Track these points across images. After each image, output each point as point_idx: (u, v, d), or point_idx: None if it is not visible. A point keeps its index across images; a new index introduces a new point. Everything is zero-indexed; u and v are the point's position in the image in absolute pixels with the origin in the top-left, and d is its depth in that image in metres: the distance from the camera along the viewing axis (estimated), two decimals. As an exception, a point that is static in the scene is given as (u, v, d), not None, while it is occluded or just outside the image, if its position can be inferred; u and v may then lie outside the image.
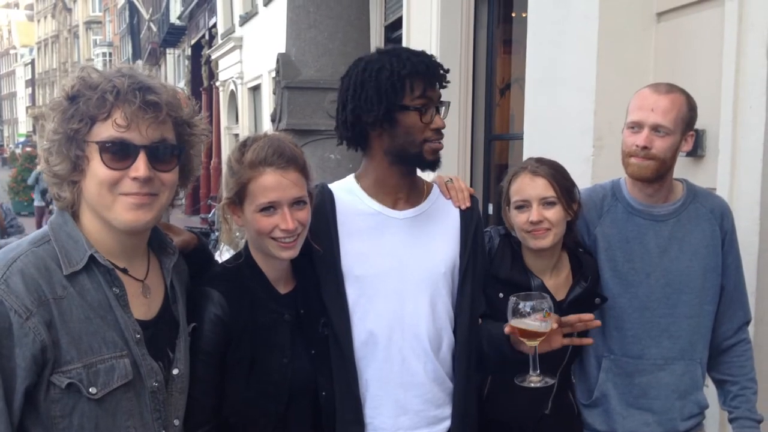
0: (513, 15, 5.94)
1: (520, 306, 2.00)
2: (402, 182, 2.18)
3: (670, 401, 2.41)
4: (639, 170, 2.31)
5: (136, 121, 1.56)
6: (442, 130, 2.16)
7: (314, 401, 2.07)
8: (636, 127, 2.30)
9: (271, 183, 1.93)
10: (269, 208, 1.93)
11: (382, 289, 2.14)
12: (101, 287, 1.60)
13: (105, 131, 1.56)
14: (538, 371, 2.06)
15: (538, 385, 2.06)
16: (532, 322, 1.99)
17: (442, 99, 2.12)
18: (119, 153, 1.57)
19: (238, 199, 1.97)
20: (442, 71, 2.11)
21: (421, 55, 2.11)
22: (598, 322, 2.13)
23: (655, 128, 2.27)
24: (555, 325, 2.00)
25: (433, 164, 2.14)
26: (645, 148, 2.26)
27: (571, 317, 2.08)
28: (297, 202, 1.96)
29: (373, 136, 2.12)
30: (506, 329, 2.03)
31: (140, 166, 1.58)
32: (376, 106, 2.05)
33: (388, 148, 2.11)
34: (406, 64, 2.05)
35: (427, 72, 2.06)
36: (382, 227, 2.17)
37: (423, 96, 2.06)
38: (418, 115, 2.06)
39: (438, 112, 2.10)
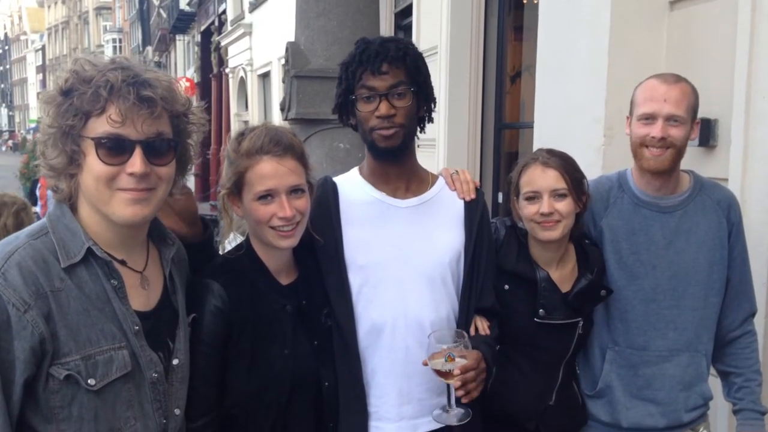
0: (524, 2, 5.89)
1: (429, 341, 1.97)
2: (393, 171, 2.19)
3: (674, 393, 2.41)
4: (656, 163, 2.29)
5: (131, 117, 1.55)
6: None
7: (316, 392, 2.07)
8: (649, 119, 2.28)
9: (268, 171, 1.93)
10: (266, 196, 1.93)
11: (386, 278, 2.13)
12: (99, 279, 1.60)
13: (100, 126, 1.55)
14: (453, 407, 2.02)
15: (454, 422, 2.04)
16: (437, 361, 1.95)
17: (400, 83, 2.07)
18: (115, 148, 1.56)
19: (237, 188, 1.97)
20: (394, 55, 2.06)
21: (373, 43, 2.09)
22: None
23: (669, 118, 2.26)
24: (456, 371, 1.92)
25: (386, 153, 2.12)
26: (663, 138, 2.25)
27: (469, 375, 1.96)
28: (295, 191, 1.96)
29: (355, 125, 2.19)
30: (422, 362, 2.01)
31: (136, 162, 1.57)
32: (336, 97, 2.17)
33: (361, 136, 2.17)
34: (355, 56, 2.09)
35: (367, 61, 2.06)
36: (385, 215, 2.17)
37: (363, 85, 2.08)
38: (361, 103, 2.09)
39: (387, 99, 2.06)
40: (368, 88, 2.07)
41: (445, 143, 6.03)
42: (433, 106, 2.22)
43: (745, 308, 2.46)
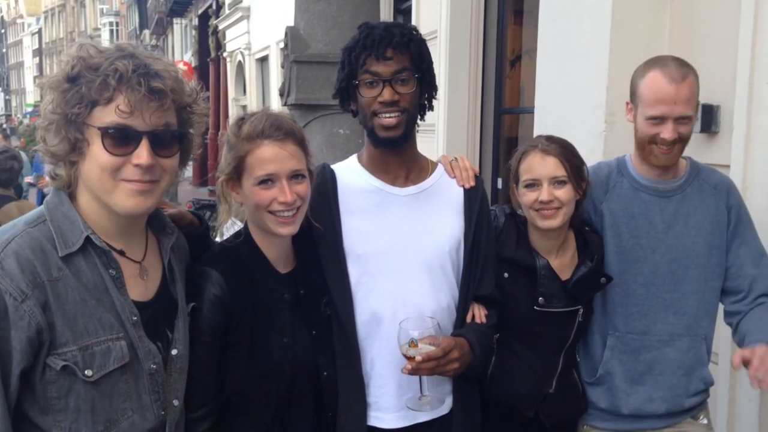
0: (524, -14, 5.85)
1: (400, 328, 1.97)
2: (392, 159, 2.17)
3: (675, 377, 2.40)
4: (666, 160, 2.28)
5: (140, 108, 1.53)
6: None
7: (316, 381, 2.06)
8: (658, 119, 2.24)
9: (269, 155, 1.91)
10: (267, 180, 1.92)
11: (385, 268, 2.12)
12: (97, 269, 1.58)
13: (107, 116, 1.53)
14: (426, 394, 2.02)
15: (428, 408, 2.05)
16: (403, 345, 1.96)
17: (404, 69, 2.05)
18: (122, 139, 1.54)
19: (236, 174, 1.95)
20: (399, 41, 2.04)
21: (377, 28, 2.07)
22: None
23: (679, 118, 2.23)
24: (419, 358, 1.92)
25: (386, 142, 2.10)
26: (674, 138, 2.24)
27: (430, 364, 1.95)
28: (295, 176, 1.95)
29: (355, 111, 2.16)
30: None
31: (143, 153, 1.55)
32: (338, 82, 2.15)
33: (361, 122, 2.15)
34: (359, 40, 2.07)
35: (371, 46, 2.03)
36: (384, 204, 2.16)
37: (367, 70, 2.06)
38: (363, 89, 2.07)
39: (391, 84, 2.04)
40: (372, 73, 2.05)
41: (444, 128, 6.00)
42: (434, 93, 2.20)
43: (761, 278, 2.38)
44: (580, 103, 3.74)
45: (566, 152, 2.26)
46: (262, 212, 1.94)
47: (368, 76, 2.05)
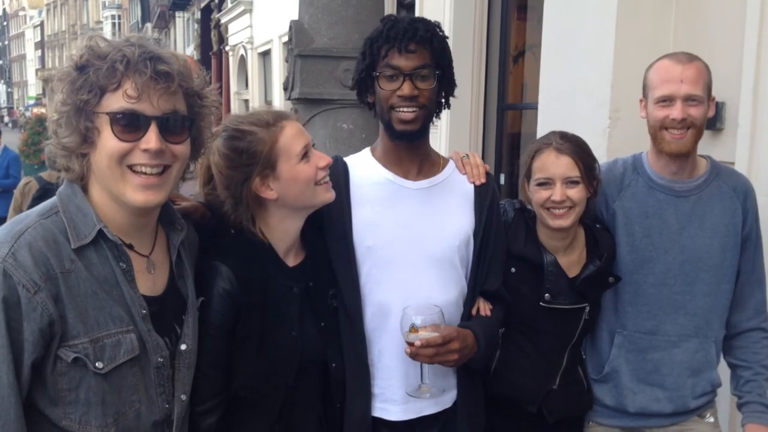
0: (528, -19, 5.83)
1: (404, 313, 1.99)
2: (406, 153, 2.17)
3: (682, 378, 2.40)
4: (678, 145, 2.26)
5: (147, 92, 1.54)
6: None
7: (324, 373, 2.07)
8: (667, 101, 2.25)
9: (295, 130, 1.96)
10: (305, 154, 1.96)
11: (394, 260, 2.12)
12: (108, 262, 1.59)
13: (115, 102, 1.53)
14: (426, 383, 2.04)
15: (427, 396, 2.06)
16: (404, 332, 1.97)
17: (426, 65, 2.06)
18: (130, 124, 1.54)
19: (270, 165, 1.93)
20: (423, 35, 2.04)
21: (401, 21, 2.07)
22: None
23: (688, 99, 2.23)
24: (418, 343, 1.94)
25: (403, 135, 2.10)
26: (683, 119, 2.22)
27: (428, 350, 1.96)
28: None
29: (371, 103, 2.16)
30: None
31: (152, 138, 1.55)
32: (357, 73, 2.14)
33: (377, 115, 2.15)
34: (382, 32, 2.06)
35: (395, 38, 2.03)
36: (395, 197, 2.16)
37: (388, 63, 2.05)
38: (383, 81, 2.07)
39: (411, 79, 2.04)
40: (393, 66, 2.04)
41: (447, 124, 5.99)
42: (452, 92, 2.20)
43: (757, 296, 2.43)
44: (584, 99, 3.73)
45: (580, 151, 2.25)
46: (312, 186, 1.99)
47: (389, 69, 2.05)
